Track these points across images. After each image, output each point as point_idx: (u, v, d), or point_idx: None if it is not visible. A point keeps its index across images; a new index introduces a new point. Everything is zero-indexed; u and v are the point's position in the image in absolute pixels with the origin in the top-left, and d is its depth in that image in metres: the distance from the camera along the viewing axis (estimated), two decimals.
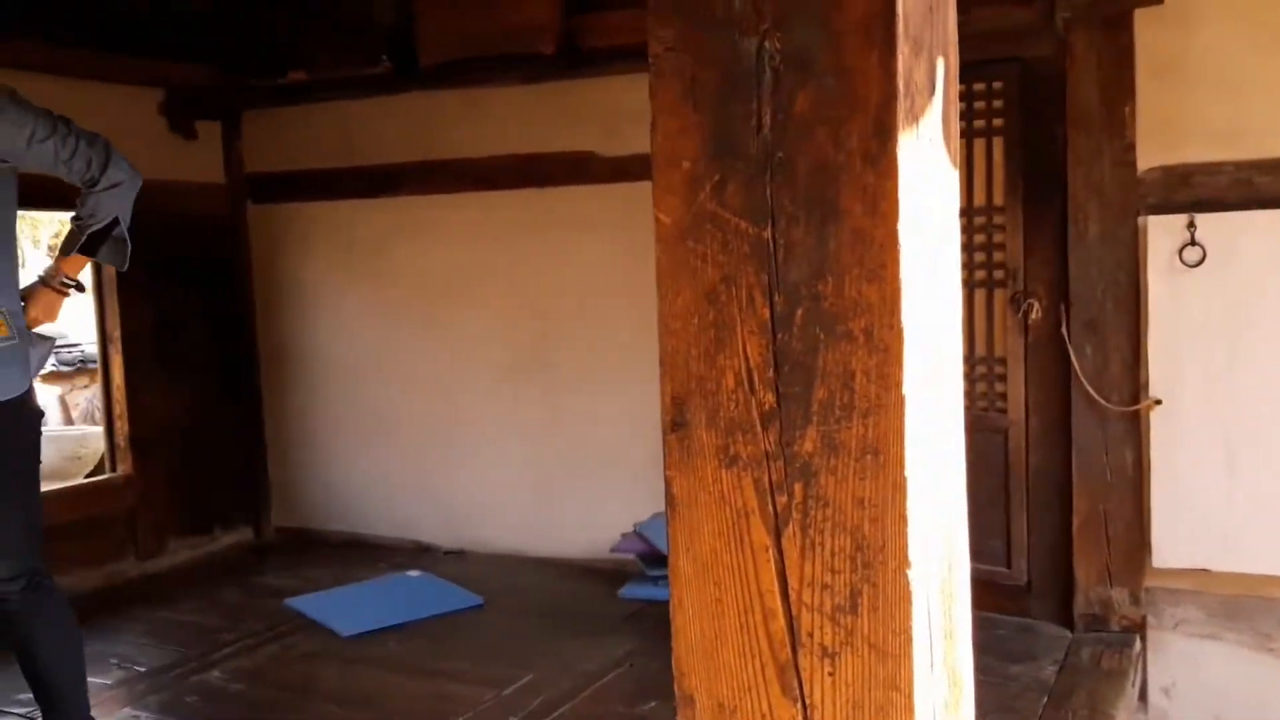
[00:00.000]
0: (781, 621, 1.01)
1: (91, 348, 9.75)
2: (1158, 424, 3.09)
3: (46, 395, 8.30)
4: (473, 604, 3.71)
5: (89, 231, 2.53)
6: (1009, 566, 3.33)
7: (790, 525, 0.98)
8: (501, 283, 4.20)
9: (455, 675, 3.16)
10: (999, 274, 3.29)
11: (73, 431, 7.37)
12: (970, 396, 3.18)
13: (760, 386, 0.97)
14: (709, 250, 0.96)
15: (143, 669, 3.28)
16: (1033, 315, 3.23)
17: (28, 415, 2.45)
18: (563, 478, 4.23)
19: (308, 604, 3.70)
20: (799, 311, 0.94)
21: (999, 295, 3.30)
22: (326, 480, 4.69)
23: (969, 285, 3.24)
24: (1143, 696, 3.14)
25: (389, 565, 4.25)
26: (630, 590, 3.39)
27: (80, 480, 4.97)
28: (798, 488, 0.97)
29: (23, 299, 2.52)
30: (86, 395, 8.81)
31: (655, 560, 3.36)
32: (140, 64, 4.11)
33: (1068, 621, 3.24)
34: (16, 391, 2.39)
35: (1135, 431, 3.11)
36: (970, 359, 3.27)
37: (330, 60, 3.92)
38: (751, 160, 0.92)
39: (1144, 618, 3.15)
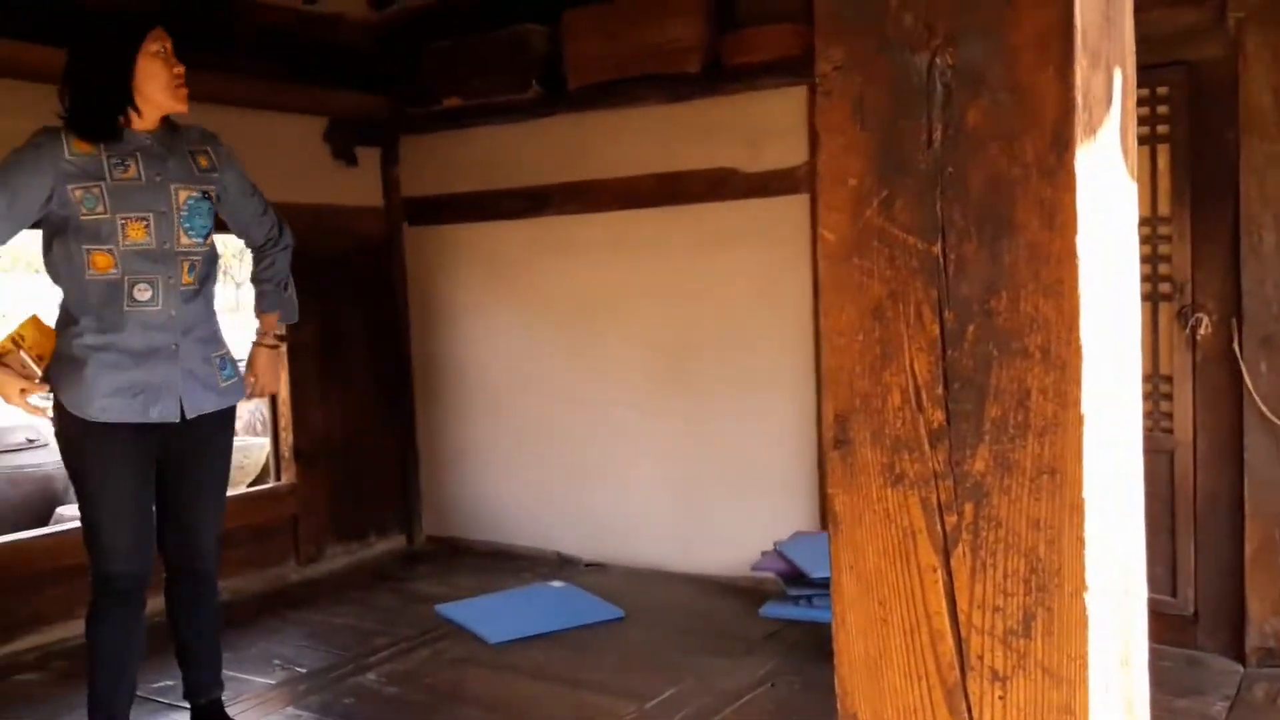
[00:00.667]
0: (950, 643, 0.99)
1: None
2: None
3: None
4: (614, 616, 3.75)
5: (278, 287, 2.81)
6: (1174, 595, 3.17)
7: (960, 546, 0.97)
8: (644, 299, 4.25)
9: (598, 686, 3.20)
10: (1165, 287, 3.14)
11: (236, 443, 7.81)
12: None
13: (929, 404, 0.96)
14: (875, 266, 0.96)
15: (303, 670, 3.43)
16: (1201, 330, 3.07)
17: (233, 421, 2.75)
18: (704, 494, 4.24)
19: (458, 611, 3.81)
20: (970, 328, 0.93)
21: (1165, 309, 3.15)
22: (475, 491, 4.82)
23: None
24: None
25: (533, 576, 4.34)
26: (771, 609, 3.37)
27: (246, 489, 5.25)
28: (968, 508, 0.96)
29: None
30: (247, 408, 9.33)
31: (796, 580, 3.33)
32: (307, 92, 4.34)
33: (1239, 655, 3.06)
34: (239, 397, 2.66)
35: None
36: None
37: (483, 86, 4.06)
38: (921, 176, 0.91)
39: None
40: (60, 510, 5.05)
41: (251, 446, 7.36)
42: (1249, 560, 3.02)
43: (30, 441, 6.51)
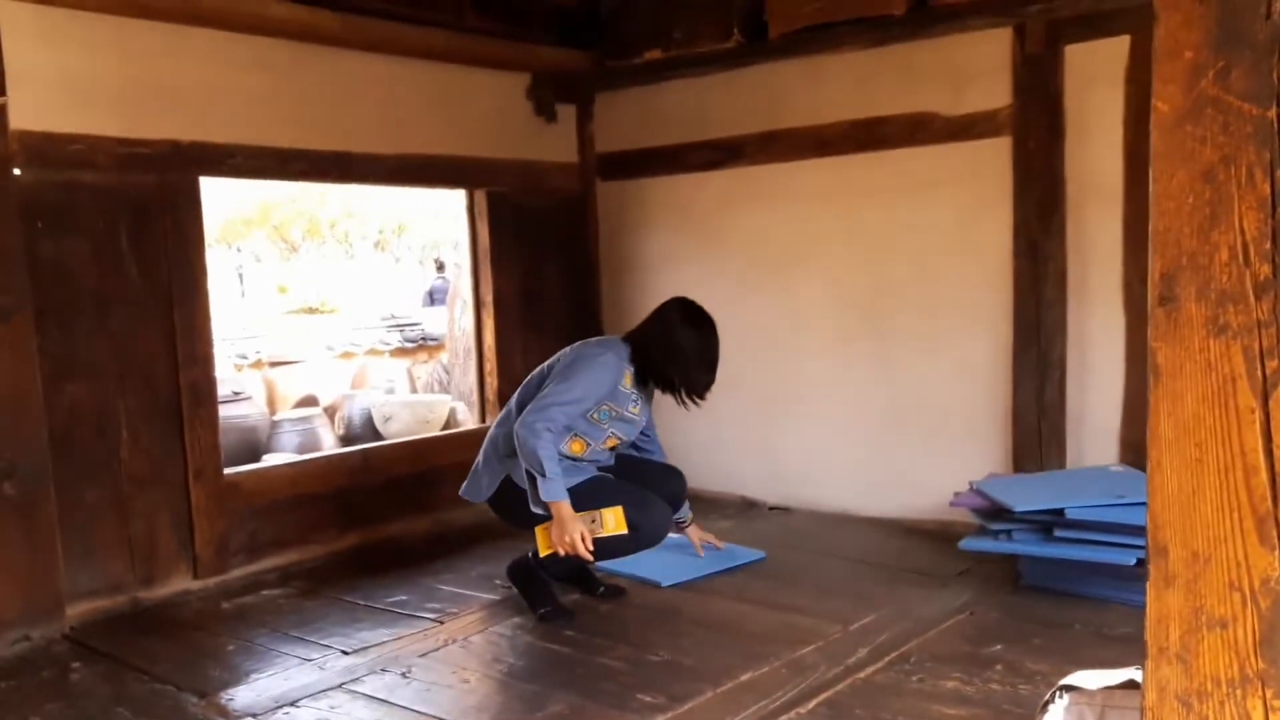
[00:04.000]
0: (1264, 477, 1.09)
1: (431, 328, 10.83)
2: None
3: (396, 369, 9.33)
4: (755, 558, 3.87)
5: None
6: None
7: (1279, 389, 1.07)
8: (837, 246, 4.34)
9: (802, 610, 3.35)
10: None
11: (425, 398, 8.27)
12: None
13: (1256, 259, 1.06)
14: (1208, 133, 1.06)
15: None
16: None
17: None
18: (893, 440, 4.32)
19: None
20: None
21: None
22: (665, 437, 5.02)
23: None
24: None
25: (719, 515, 4.51)
26: (971, 543, 3.44)
27: (462, 426, 5.55)
28: None
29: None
30: (427, 369, 9.83)
31: (995, 515, 3.40)
32: (519, 48, 4.55)
33: None
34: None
35: None
36: None
37: (685, 37, 4.20)
38: (1258, 46, 1.01)
39: None
40: (265, 458, 5.50)
41: (437, 402, 7.84)
42: None
43: (236, 394, 7.08)
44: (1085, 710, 1.69)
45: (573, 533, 3.15)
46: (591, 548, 3.17)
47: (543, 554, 3.30)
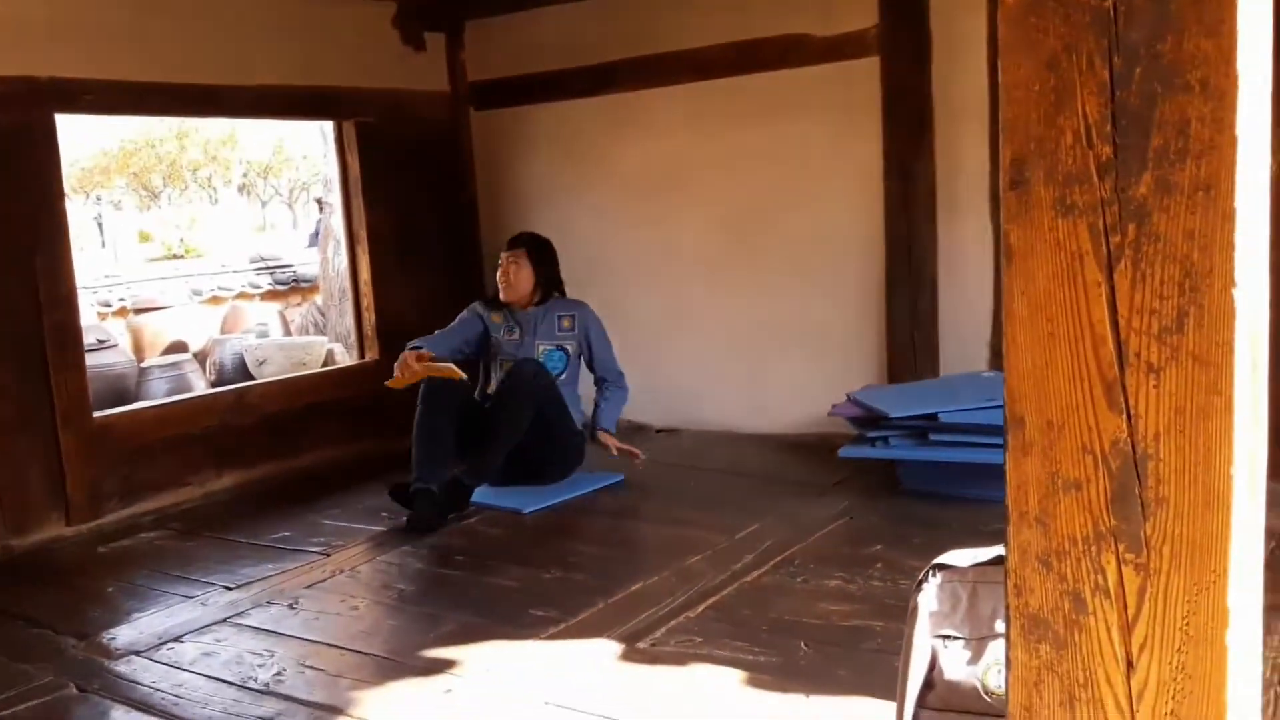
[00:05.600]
0: (1110, 346, 1.17)
1: (303, 269, 10.52)
2: None
3: (268, 311, 9.07)
4: (614, 481, 3.96)
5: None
6: None
7: (1123, 261, 1.14)
8: (714, 172, 4.40)
9: (689, 523, 3.46)
10: None
11: (300, 340, 8.08)
12: None
13: (1098, 141, 1.13)
14: (1050, 24, 1.12)
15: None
16: None
17: None
18: (771, 358, 4.44)
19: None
20: (1137, 70, 1.09)
21: None
22: None
23: None
24: None
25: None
26: (849, 450, 3.59)
27: (340, 365, 5.45)
28: (1131, 228, 1.13)
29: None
30: (300, 311, 9.59)
31: (871, 423, 3.54)
32: None
33: None
34: None
35: None
36: None
37: None
38: None
39: None
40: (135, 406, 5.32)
41: (313, 344, 7.68)
42: None
43: (101, 342, 6.78)
44: (958, 586, 1.80)
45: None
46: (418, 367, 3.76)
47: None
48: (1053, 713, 1.28)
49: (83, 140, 19.43)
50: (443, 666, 2.50)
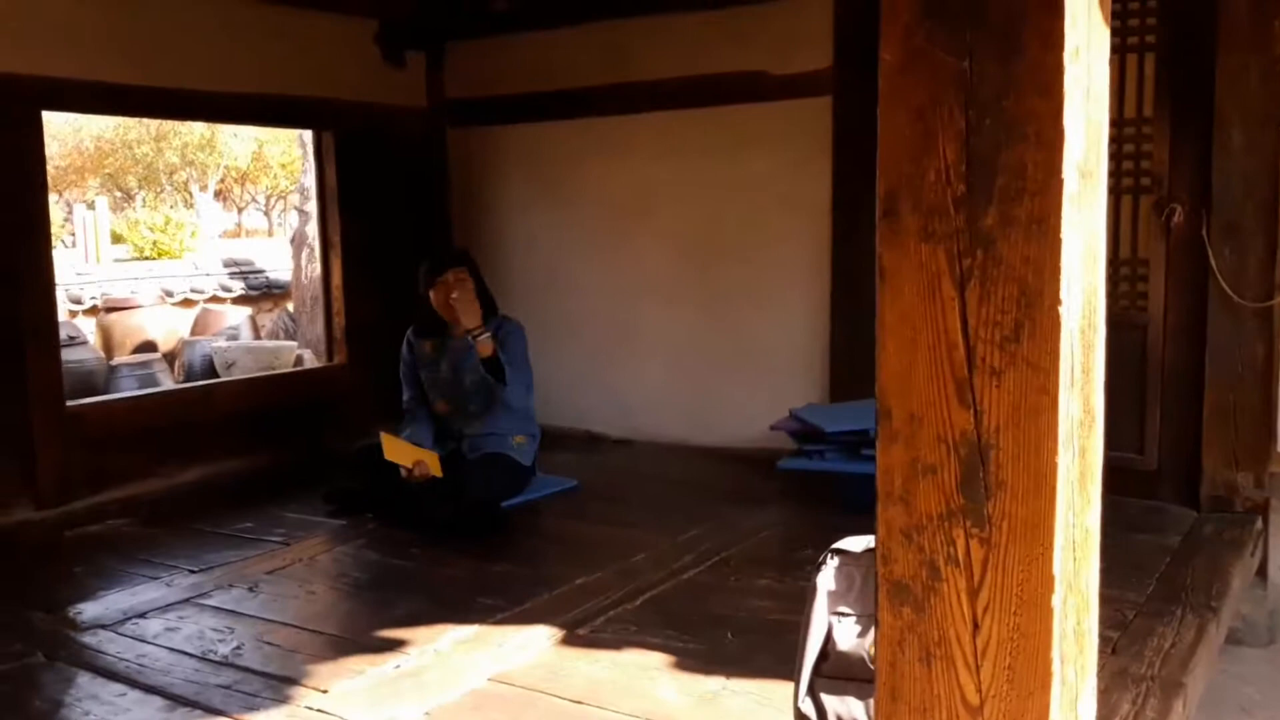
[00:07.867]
0: (961, 352, 1.39)
1: (275, 275, 10.63)
2: None
3: (239, 316, 9.19)
4: (569, 486, 4.12)
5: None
6: (1141, 453, 3.61)
7: (973, 281, 1.36)
8: (674, 198, 4.62)
9: (633, 525, 3.65)
10: (1145, 181, 3.53)
11: (270, 344, 8.21)
12: (1113, 296, 3.46)
13: (955, 179, 1.35)
14: (919, 80, 1.35)
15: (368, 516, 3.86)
16: (1175, 219, 3.48)
17: None
18: (720, 377, 4.65)
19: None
20: (987, 121, 1.31)
21: (1144, 201, 3.55)
22: None
23: (1116, 192, 3.50)
24: (1261, 572, 3.40)
25: (566, 452, 4.76)
26: (787, 463, 3.80)
27: (307, 367, 5.61)
28: (979, 253, 1.35)
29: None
30: (271, 317, 9.72)
31: (810, 438, 3.76)
32: None
33: (1194, 504, 3.51)
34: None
35: (1267, 327, 3.34)
36: (1115, 261, 3.54)
37: None
38: (954, 13, 1.30)
39: (1267, 500, 3.40)
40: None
41: (282, 349, 7.82)
42: (1206, 421, 3.46)
43: (71, 339, 6.91)
44: (852, 569, 2.02)
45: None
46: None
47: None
48: (913, 668, 1.50)
49: (62, 139, 19.43)
50: (393, 646, 2.67)
